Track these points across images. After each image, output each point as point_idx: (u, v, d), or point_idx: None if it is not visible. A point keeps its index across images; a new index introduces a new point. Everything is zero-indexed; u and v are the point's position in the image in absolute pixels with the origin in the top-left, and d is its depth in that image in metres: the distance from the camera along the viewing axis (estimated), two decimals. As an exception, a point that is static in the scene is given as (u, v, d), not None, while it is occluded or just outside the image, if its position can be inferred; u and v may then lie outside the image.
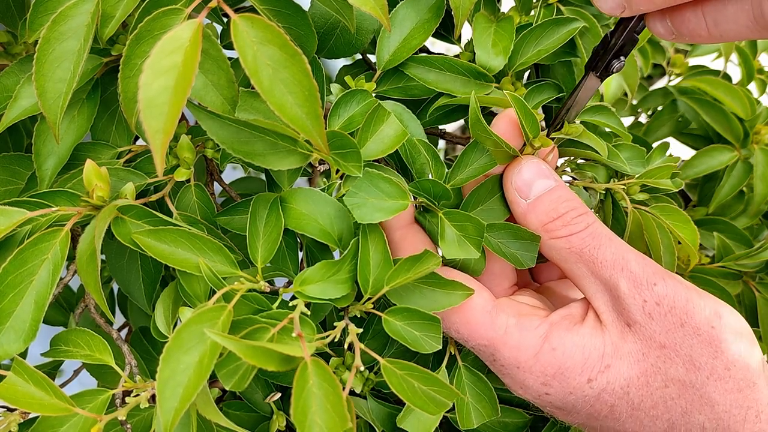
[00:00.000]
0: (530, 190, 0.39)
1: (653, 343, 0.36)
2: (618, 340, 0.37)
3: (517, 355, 0.38)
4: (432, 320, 0.37)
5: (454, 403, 0.42)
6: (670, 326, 0.36)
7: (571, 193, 0.39)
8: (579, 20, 0.43)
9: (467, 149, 0.40)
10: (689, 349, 0.36)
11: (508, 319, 0.39)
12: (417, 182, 0.39)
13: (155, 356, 0.50)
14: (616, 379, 0.37)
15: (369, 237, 0.37)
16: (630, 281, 0.37)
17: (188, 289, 0.38)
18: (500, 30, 0.43)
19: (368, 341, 0.43)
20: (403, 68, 0.43)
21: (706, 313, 0.36)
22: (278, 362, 0.30)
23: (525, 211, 0.39)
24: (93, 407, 0.37)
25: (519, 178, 0.40)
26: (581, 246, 0.38)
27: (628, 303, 0.37)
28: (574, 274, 0.39)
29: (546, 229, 0.39)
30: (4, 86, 0.40)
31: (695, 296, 0.37)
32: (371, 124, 0.40)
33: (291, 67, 0.29)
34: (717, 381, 0.36)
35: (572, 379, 0.37)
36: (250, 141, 0.35)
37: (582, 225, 0.38)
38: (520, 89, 0.44)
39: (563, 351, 0.37)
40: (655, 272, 0.37)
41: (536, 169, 0.40)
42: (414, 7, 0.42)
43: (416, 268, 0.36)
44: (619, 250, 0.38)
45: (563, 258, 0.39)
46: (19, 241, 0.37)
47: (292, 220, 0.38)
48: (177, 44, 0.27)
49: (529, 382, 0.38)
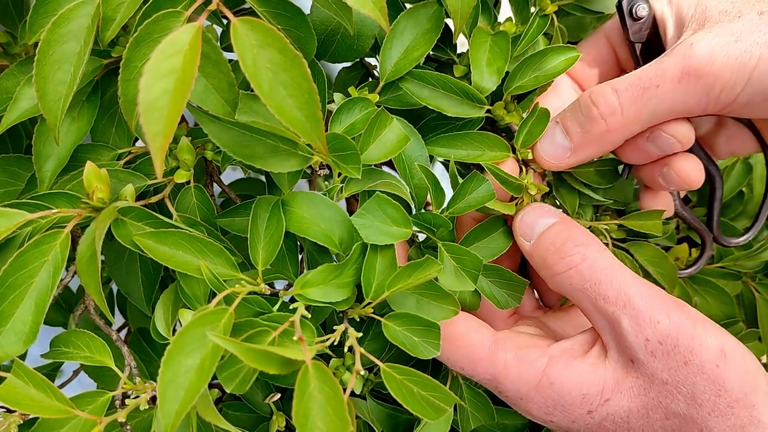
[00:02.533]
0: (533, 231, 0.40)
1: (655, 379, 0.36)
2: (620, 375, 0.37)
3: (518, 387, 0.39)
4: (431, 326, 0.37)
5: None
6: (672, 364, 0.36)
7: (572, 226, 0.40)
8: (577, 50, 0.43)
9: (467, 180, 0.40)
10: (692, 387, 0.36)
11: (507, 354, 0.39)
12: (418, 214, 0.40)
13: (155, 357, 0.50)
14: (615, 411, 0.37)
15: None
16: (632, 319, 0.36)
17: (188, 291, 0.38)
18: (495, 47, 0.42)
19: (368, 343, 0.43)
20: (399, 82, 0.43)
21: (712, 352, 0.36)
22: (279, 365, 0.30)
23: (530, 252, 0.40)
24: (93, 409, 0.37)
25: (522, 224, 0.41)
26: (581, 282, 0.38)
27: (630, 341, 0.36)
28: (582, 308, 0.39)
29: (547, 265, 0.39)
30: (4, 88, 0.40)
31: (701, 332, 0.36)
32: (374, 129, 0.40)
33: (291, 70, 0.29)
34: (719, 417, 0.35)
35: (572, 411, 0.38)
36: (251, 144, 0.35)
37: (578, 257, 0.38)
38: (513, 114, 0.44)
39: (561, 386, 0.38)
40: (660, 307, 0.36)
41: (537, 212, 0.41)
42: (414, 17, 0.42)
43: (417, 274, 0.36)
44: (621, 285, 0.37)
45: (570, 294, 0.39)
46: (19, 243, 0.37)
47: (293, 223, 0.38)
48: (177, 47, 0.27)
49: (533, 411, 0.39)
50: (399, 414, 0.45)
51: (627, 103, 0.38)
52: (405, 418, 0.45)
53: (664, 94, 0.37)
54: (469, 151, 0.43)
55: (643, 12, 0.42)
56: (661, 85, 0.37)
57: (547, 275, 0.39)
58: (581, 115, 0.40)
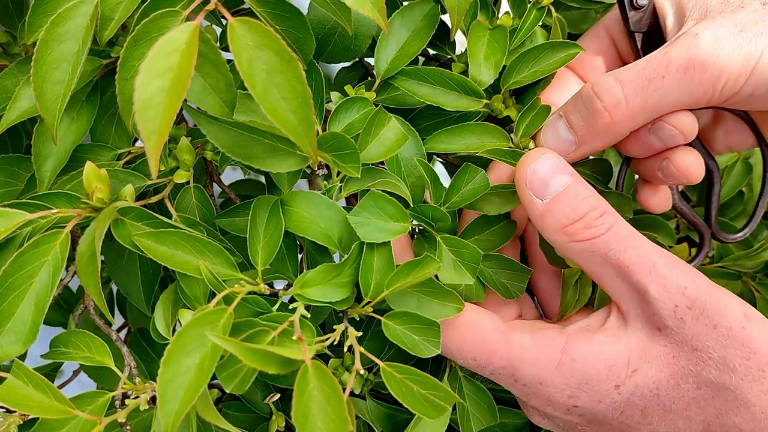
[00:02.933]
0: (546, 189, 0.37)
1: (685, 346, 0.35)
2: (646, 344, 0.36)
3: (537, 370, 0.37)
4: (431, 325, 0.37)
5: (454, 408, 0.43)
6: (702, 329, 0.35)
7: (589, 188, 0.37)
8: (577, 46, 0.43)
9: (460, 172, 0.40)
10: (723, 351, 0.35)
11: (523, 336, 0.38)
12: (416, 206, 0.40)
13: (154, 358, 0.50)
14: (644, 382, 0.36)
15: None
16: (659, 285, 0.35)
17: (188, 291, 0.38)
18: (493, 41, 0.42)
19: (367, 342, 0.43)
20: (393, 81, 0.43)
21: (737, 313, 0.35)
22: (279, 365, 0.30)
23: (542, 213, 0.37)
24: (92, 409, 0.37)
25: (534, 175, 0.37)
26: (605, 250, 0.36)
27: (659, 308, 0.35)
28: (600, 277, 0.37)
29: (566, 232, 0.36)
30: (4, 87, 0.40)
31: (725, 296, 0.35)
32: (372, 128, 0.40)
33: (286, 73, 0.29)
34: (752, 382, 0.35)
35: (599, 386, 0.36)
36: (249, 144, 0.35)
37: (605, 226, 0.36)
38: (510, 108, 0.44)
39: (585, 361, 0.36)
40: (685, 273, 0.36)
41: (552, 163, 0.37)
42: (409, 15, 0.42)
43: (416, 272, 0.36)
44: (645, 252, 0.36)
45: (587, 261, 0.37)
46: (19, 244, 0.37)
47: (292, 223, 0.38)
48: (173, 46, 0.27)
49: (555, 396, 0.37)
50: (398, 414, 0.45)
51: (632, 95, 0.37)
52: (404, 417, 0.45)
53: (670, 85, 0.36)
54: (468, 142, 0.42)
55: (644, 0, 0.41)
56: (666, 75, 0.36)
57: (563, 240, 0.37)
58: (584, 107, 0.38)
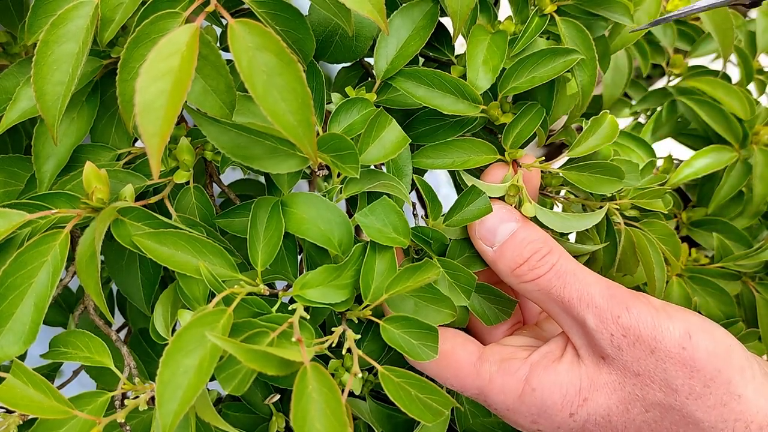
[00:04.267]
0: (495, 237, 0.40)
1: (627, 372, 0.37)
2: (594, 373, 0.38)
3: (503, 399, 0.39)
4: (429, 329, 0.37)
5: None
6: (640, 355, 0.37)
7: (534, 232, 0.40)
8: (577, 52, 0.43)
9: (465, 192, 0.41)
10: (663, 374, 0.36)
11: (491, 368, 0.40)
12: (417, 227, 0.41)
13: (154, 358, 0.50)
14: (595, 410, 0.38)
15: (378, 245, 0.38)
16: (596, 317, 0.37)
17: (187, 292, 0.38)
18: (493, 45, 0.42)
19: (366, 345, 0.43)
20: (392, 81, 0.43)
21: (676, 336, 0.36)
22: (278, 366, 0.30)
23: (494, 259, 0.41)
24: (92, 409, 0.37)
25: (482, 227, 0.41)
26: (549, 287, 0.39)
27: (598, 338, 0.37)
28: (550, 312, 0.40)
29: (515, 274, 0.40)
30: (4, 88, 0.40)
31: (663, 319, 0.37)
32: (373, 130, 0.40)
33: (285, 75, 0.29)
34: (697, 399, 0.36)
35: (555, 415, 0.38)
36: (250, 145, 0.35)
37: (546, 266, 0.39)
38: (507, 115, 0.44)
39: (542, 391, 0.38)
40: (619, 302, 0.37)
41: (498, 214, 0.41)
42: (408, 14, 0.42)
43: (416, 277, 0.36)
44: (584, 286, 0.38)
45: (537, 299, 0.40)
46: (18, 244, 0.37)
47: (292, 224, 0.38)
48: (174, 48, 0.27)
49: (521, 421, 0.40)
50: (398, 414, 0.45)
51: None
52: (404, 418, 0.45)
53: None
54: (455, 158, 0.43)
55: None
56: None
57: (514, 282, 0.40)
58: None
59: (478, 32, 0.43)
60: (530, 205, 0.41)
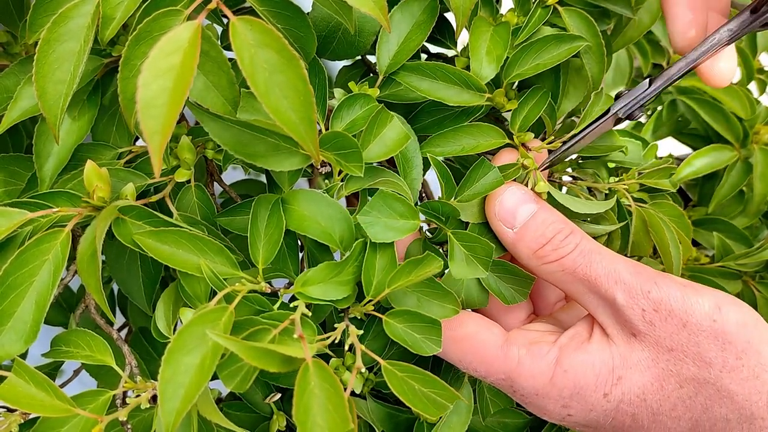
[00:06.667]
0: (515, 219, 0.40)
1: (660, 348, 0.37)
2: (625, 351, 0.38)
3: (533, 383, 0.39)
4: (432, 323, 0.37)
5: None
6: (672, 329, 0.36)
7: (554, 213, 0.40)
8: (582, 38, 0.42)
9: (475, 166, 0.40)
10: (696, 347, 0.36)
11: (519, 350, 0.39)
12: (426, 203, 0.40)
13: (155, 357, 0.50)
14: (630, 388, 0.37)
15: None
16: (625, 292, 0.37)
17: (189, 290, 0.38)
18: (496, 36, 0.42)
19: (368, 341, 0.43)
20: (395, 76, 0.43)
21: (706, 309, 0.36)
22: (280, 363, 0.30)
23: (514, 241, 0.40)
24: (93, 408, 0.37)
25: (502, 208, 0.40)
26: (573, 266, 0.38)
27: (628, 314, 0.37)
28: (574, 293, 0.39)
29: (537, 255, 0.39)
30: (5, 87, 0.40)
31: (691, 293, 0.37)
32: (374, 127, 0.40)
33: (287, 72, 0.29)
34: (731, 372, 0.36)
35: (589, 396, 0.38)
36: (252, 142, 0.35)
37: (571, 246, 0.39)
38: (513, 101, 0.44)
39: (575, 371, 0.38)
40: (647, 278, 0.37)
41: (517, 195, 0.40)
42: (408, 9, 0.42)
43: (417, 270, 0.36)
44: (610, 263, 0.38)
45: (560, 280, 0.39)
46: (19, 242, 0.37)
47: (293, 221, 0.38)
48: (175, 45, 0.27)
49: (550, 406, 0.39)
50: (399, 413, 0.45)
51: None
52: (405, 417, 0.45)
53: None
54: (464, 144, 0.43)
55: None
56: None
57: (535, 264, 0.40)
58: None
59: (481, 23, 0.43)
60: (544, 183, 0.41)
